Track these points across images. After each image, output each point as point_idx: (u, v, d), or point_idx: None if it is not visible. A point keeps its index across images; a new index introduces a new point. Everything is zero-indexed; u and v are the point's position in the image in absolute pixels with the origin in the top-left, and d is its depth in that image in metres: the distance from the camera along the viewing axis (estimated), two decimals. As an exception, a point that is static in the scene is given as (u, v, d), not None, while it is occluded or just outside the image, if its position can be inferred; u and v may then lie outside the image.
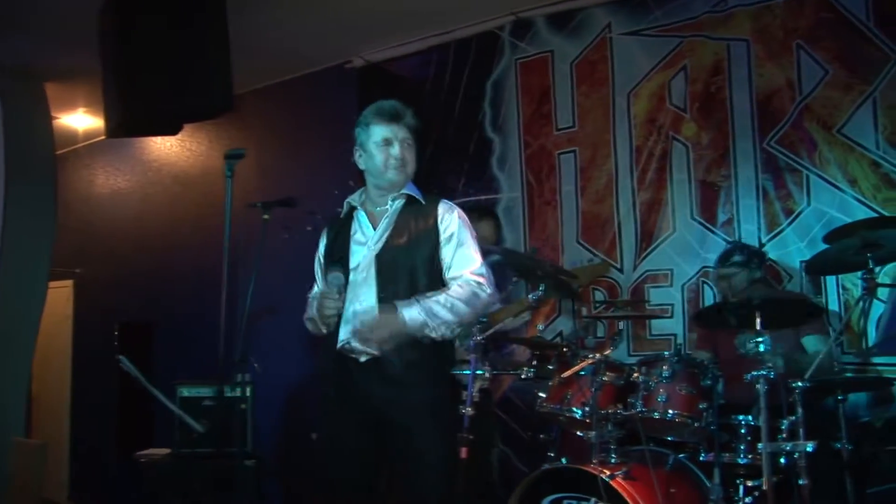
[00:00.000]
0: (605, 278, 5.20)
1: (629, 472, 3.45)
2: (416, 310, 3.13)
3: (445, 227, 3.29)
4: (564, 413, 3.76)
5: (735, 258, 4.32)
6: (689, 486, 3.66)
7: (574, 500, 3.50)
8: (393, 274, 3.24)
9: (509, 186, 5.67)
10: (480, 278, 3.24)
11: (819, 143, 4.59)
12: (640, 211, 5.15)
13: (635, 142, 5.20)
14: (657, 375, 3.62)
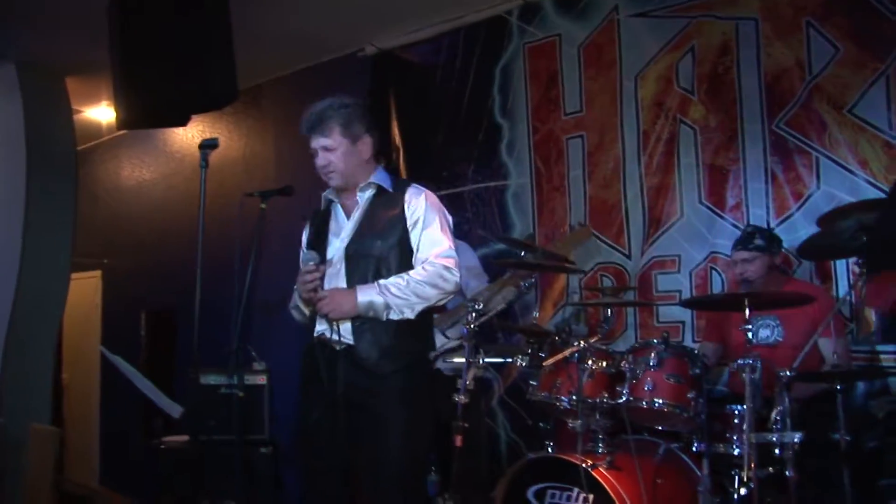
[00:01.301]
0: (613, 264, 5.14)
1: (613, 462, 3.41)
2: (372, 290, 3.17)
3: (412, 212, 3.29)
4: (553, 401, 3.73)
5: (757, 241, 4.15)
6: (679, 476, 3.60)
7: (557, 491, 3.47)
8: (363, 265, 3.27)
9: (518, 172, 5.61)
10: (447, 261, 3.23)
11: (829, 123, 4.45)
12: (648, 196, 5.05)
13: (643, 126, 5.10)
14: (644, 363, 3.56)
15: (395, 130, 6.16)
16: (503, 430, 5.41)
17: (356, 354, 3.22)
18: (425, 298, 3.21)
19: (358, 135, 3.35)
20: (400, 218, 3.30)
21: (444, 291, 3.24)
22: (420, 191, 3.37)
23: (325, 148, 3.34)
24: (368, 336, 3.22)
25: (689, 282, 4.86)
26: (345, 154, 3.34)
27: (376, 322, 3.20)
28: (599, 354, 3.72)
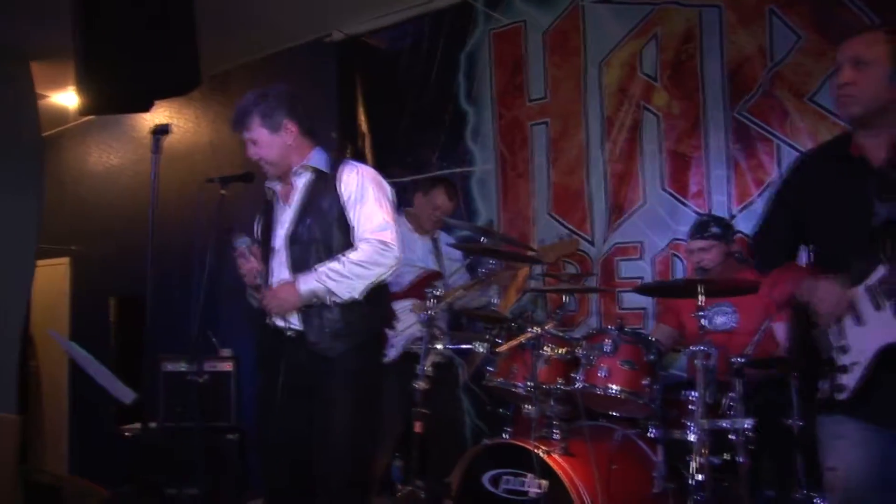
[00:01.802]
0: (578, 251, 5.10)
1: (567, 448, 3.41)
2: (311, 278, 3.16)
3: (346, 189, 3.29)
4: (509, 387, 3.72)
5: (713, 229, 4.16)
6: (634, 462, 3.60)
7: (512, 476, 3.47)
8: (305, 250, 3.27)
9: (483, 159, 5.59)
10: (382, 234, 3.21)
11: (790, 111, 4.46)
12: (611, 182, 5.05)
13: (606, 112, 5.09)
14: (599, 350, 3.56)
15: (362, 116, 6.13)
16: (468, 416, 5.40)
17: (306, 340, 3.22)
18: (365, 277, 3.20)
19: (278, 123, 3.36)
20: (335, 197, 3.29)
21: (384, 267, 3.22)
22: (354, 167, 3.36)
23: (251, 141, 3.38)
24: (316, 321, 3.22)
25: (652, 268, 4.86)
26: (268, 144, 3.36)
27: (323, 306, 3.19)
28: (556, 341, 3.71)
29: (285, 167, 3.41)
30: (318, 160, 3.42)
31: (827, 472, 2.50)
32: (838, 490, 2.46)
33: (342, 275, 3.16)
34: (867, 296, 2.33)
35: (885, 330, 2.28)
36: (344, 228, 3.28)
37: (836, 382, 2.39)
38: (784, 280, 2.56)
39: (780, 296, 2.57)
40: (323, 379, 3.18)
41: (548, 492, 3.34)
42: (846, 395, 2.37)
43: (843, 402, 2.38)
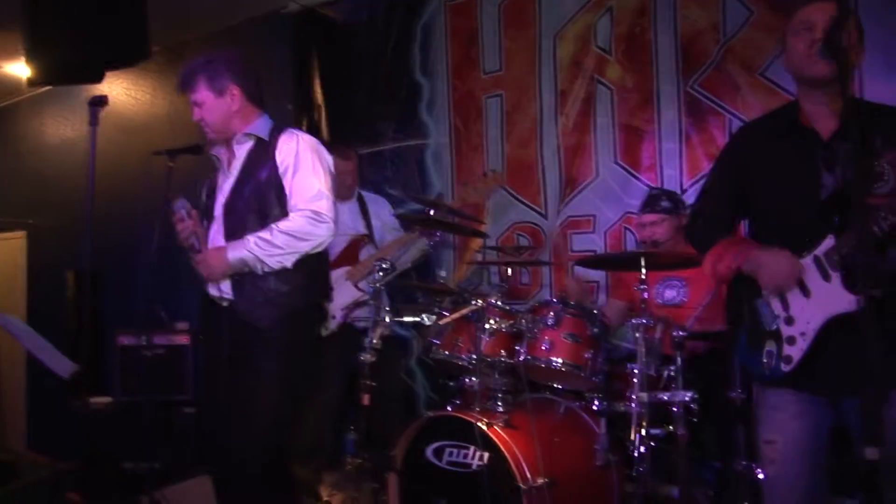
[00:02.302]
0: (529, 223, 5.11)
1: (510, 420, 3.39)
2: (240, 247, 3.12)
3: (282, 158, 3.23)
4: (454, 360, 3.70)
5: (663, 203, 4.15)
6: (577, 434, 3.59)
7: (455, 449, 3.45)
8: (240, 219, 3.22)
9: (437, 131, 5.54)
10: (316, 205, 3.16)
11: (742, 85, 4.45)
12: (564, 156, 5.02)
13: (560, 85, 5.05)
14: (542, 323, 3.54)
15: (318, 89, 6.04)
16: (422, 389, 5.40)
17: (237, 309, 3.17)
18: (297, 247, 3.14)
19: (223, 87, 3.30)
20: (272, 166, 3.23)
21: (316, 237, 3.17)
22: (292, 135, 3.30)
23: (195, 103, 3.32)
24: (248, 290, 3.18)
25: (604, 241, 4.85)
26: (212, 107, 3.30)
27: (255, 275, 3.15)
28: (500, 314, 3.68)
29: (228, 133, 3.35)
30: (260, 128, 3.36)
31: (764, 445, 2.49)
32: (776, 463, 2.44)
33: (272, 244, 3.11)
34: (815, 267, 2.31)
35: (833, 301, 2.25)
36: (281, 198, 3.22)
37: (781, 354, 2.37)
38: (730, 253, 2.52)
39: (725, 270, 2.53)
40: (252, 348, 3.13)
41: (489, 464, 3.32)
42: (791, 366, 2.34)
43: (787, 374, 2.35)
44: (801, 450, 2.40)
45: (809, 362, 2.33)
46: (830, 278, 2.27)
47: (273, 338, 3.13)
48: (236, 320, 3.17)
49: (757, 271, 2.41)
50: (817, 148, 2.36)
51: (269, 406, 3.13)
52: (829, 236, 2.27)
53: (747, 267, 2.44)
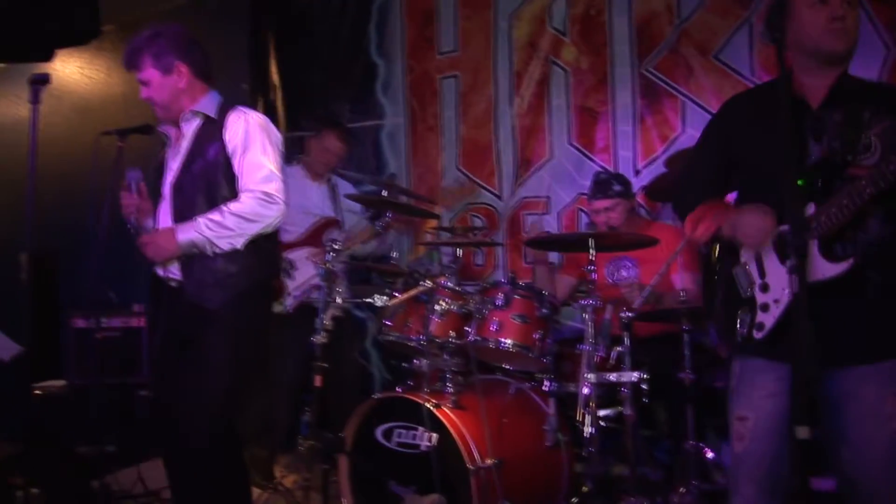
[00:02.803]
0: (484, 205, 5.10)
1: (459, 401, 3.37)
2: (190, 228, 3.05)
3: (231, 137, 3.13)
4: (404, 341, 3.68)
5: (615, 187, 4.12)
6: (527, 415, 3.59)
7: (404, 430, 3.43)
8: (188, 199, 3.13)
9: (393, 112, 5.50)
10: (267, 186, 3.09)
11: (695, 68, 4.46)
12: (519, 137, 5.01)
13: (515, 66, 5.04)
14: (491, 303, 3.52)
15: (274, 69, 5.96)
16: (378, 370, 5.38)
17: (185, 290, 3.11)
18: (247, 229, 3.07)
19: (170, 64, 3.19)
20: (221, 145, 3.14)
21: (267, 219, 3.09)
22: (241, 113, 3.19)
23: (141, 82, 3.22)
24: (196, 271, 3.10)
25: (558, 223, 4.85)
26: (159, 86, 3.20)
27: (203, 256, 3.09)
28: (451, 295, 3.66)
29: (176, 111, 3.25)
30: (208, 105, 3.25)
31: (736, 421, 2.42)
32: (745, 440, 2.38)
33: (222, 226, 3.04)
34: None
35: (812, 269, 2.20)
36: (229, 178, 3.14)
37: (754, 321, 2.33)
38: (709, 216, 2.48)
39: (704, 232, 2.48)
40: (202, 329, 3.07)
41: (438, 445, 3.31)
42: (764, 333, 2.30)
43: (760, 342, 2.32)
44: (772, 429, 2.34)
45: (784, 332, 2.28)
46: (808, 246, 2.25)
47: (222, 319, 3.07)
48: (185, 301, 3.11)
49: (735, 229, 2.37)
50: (806, 117, 2.34)
51: (219, 387, 3.07)
52: (810, 203, 2.25)
53: (727, 229, 2.39)
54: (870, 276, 2.23)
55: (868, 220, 2.22)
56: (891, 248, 2.24)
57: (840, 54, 2.32)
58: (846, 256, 2.17)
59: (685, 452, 3.49)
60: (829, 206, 2.18)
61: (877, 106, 2.25)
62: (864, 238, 2.22)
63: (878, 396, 2.21)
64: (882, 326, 2.25)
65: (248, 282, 3.15)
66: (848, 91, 2.31)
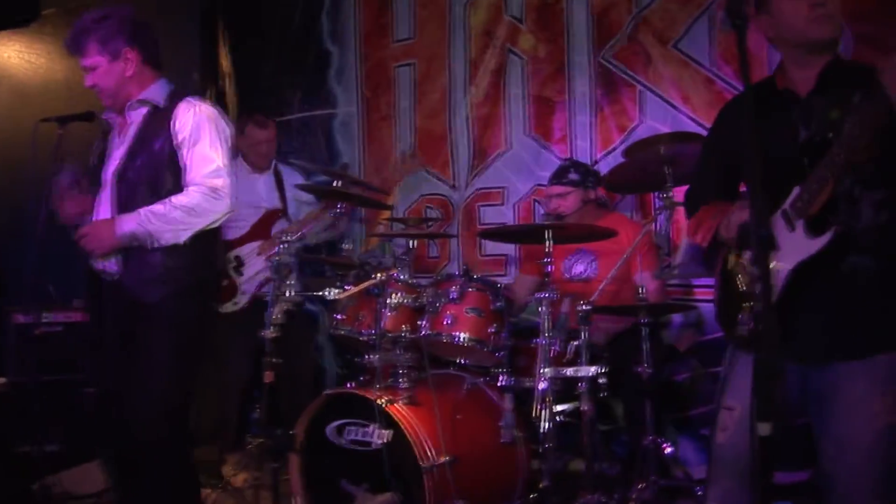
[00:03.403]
0: (438, 195, 5.04)
1: (413, 397, 3.31)
2: (132, 220, 2.95)
3: (180, 129, 3.05)
4: (356, 336, 3.60)
5: (570, 175, 4.08)
6: (482, 411, 3.52)
7: (356, 427, 3.36)
8: (132, 189, 3.03)
9: (346, 101, 5.40)
10: (215, 181, 3.01)
11: (654, 57, 4.41)
12: (474, 127, 4.94)
13: (471, 54, 4.97)
14: (445, 297, 3.45)
15: (224, 56, 5.84)
16: (331, 365, 5.30)
17: (124, 285, 3.01)
18: (191, 224, 2.98)
19: (118, 50, 3.07)
20: (168, 136, 3.04)
21: (212, 215, 3.02)
22: (191, 104, 3.09)
23: (86, 68, 3.09)
24: (135, 265, 3.00)
25: (514, 214, 4.80)
26: (106, 73, 3.08)
27: (142, 250, 2.98)
28: (403, 287, 3.58)
29: (123, 98, 3.14)
30: (157, 94, 3.15)
31: (723, 411, 2.39)
32: (728, 430, 2.36)
33: (166, 219, 2.94)
34: (782, 220, 2.22)
35: (797, 249, 2.17)
36: (175, 170, 3.04)
37: (752, 313, 2.27)
38: (709, 217, 2.45)
39: (705, 236, 2.46)
40: (140, 326, 2.98)
41: (391, 442, 3.23)
42: None
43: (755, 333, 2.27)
44: None
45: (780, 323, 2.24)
46: (795, 227, 2.20)
47: (163, 315, 2.98)
48: (123, 296, 3.01)
49: (729, 228, 2.33)
50: (795, 107, 2.31)
51: (162, 386, 2.98)
52: (796, 187, 2.22)
53: (724, 229, 2.36)
54: (861, 263, 2.20)
55: (860, 206, 2.19)
56: (885, 235, 2.20)
57: (826, 41, 2.29)
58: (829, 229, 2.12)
59: (643, 447, 3.45)
60: (810, 182, 2.14)
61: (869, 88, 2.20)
62: (854, 223, 2.17)
63: (866, 393, 2.17)
64: (873, 319, 2.21)
65: (189, 278, 3.06)
66: (838, 76, 2.28)
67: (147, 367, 2.98)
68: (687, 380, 4.20)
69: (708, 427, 3.99)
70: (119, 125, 3.19)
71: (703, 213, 2.51)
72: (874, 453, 2.17)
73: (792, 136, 2.29)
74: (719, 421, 2.41)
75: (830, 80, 2.27)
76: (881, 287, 2.21)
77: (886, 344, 2.20)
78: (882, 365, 2.19)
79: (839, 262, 2.19)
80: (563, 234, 3.47)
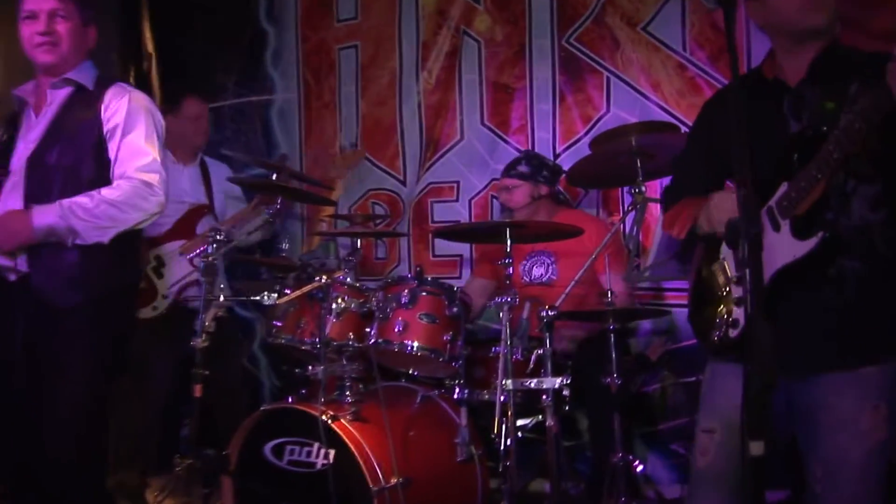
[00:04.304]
0: (386, 191, 5.04)
1: (359, 412, 3.29)
2: (51, 212, 2.87)
3: (110, 116, 3.01)
4: (296, 345, 3.58)
5: (520, 168, 4.12)
6: (436, 427, 3.54)
7: (297, 447, 3.33)
8: (48, 177, 2.97)
9: (284, 86, 5.38)
10: (149, 176, 2.98)
11: (622, 41, 4.45)
12: (426, 115, 4.95)
13: (422, 36, 4.96)
14: (395, 301, 3.44)
15: (148, 35, 5.73)
16: (266, 377, 5.27)
17: (31, 286, 2.93)
18: (120, 221, 2.93)
19: (88, 20, 3.12)
20: (96, 122, 3.00)
21: (143, 213, 2.97)
22: (124, 91, 3.07)
23: (56, 13, 3.01)
24: (46, 263, 2.92)
25: (468, 211, 4.82)
26: (74, 31, 3.05)
27: (59, 246, 2.91)
28: (349, 291, 3.57)
29: (61, 70, 3.07)
30: (86, 75, 3.11)
31: (701, 434, 2.38)
32: (709, 454, 2.35)
33: (92, 214, 2.88)
34: (766, 218, 2.22)
35: (781, 250, 2.15)
36: (100, 160, 3.00)
37: (730, 319, 2.27)
38: (687, 210, 2.45)
39: (681, 228, 2.45)
40: (51, 335, 2.90)
41: (335, 462, 3.21)
42: (738, 330, 2.23)
43: (735, 341, 2.23)
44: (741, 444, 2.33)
45: None
46: (780, 227, 2.20)
47: (79, 324, 2.91)
48: (31, 299, 2.92)
49: (709, 220, 2.31)
50: (785, 96, 2.31)
51: (76, 406, 2.92)
52: (783, 183, 2.22)
53: (703, 222, 2.35)
54: (850, 267, 2.20)
55: (851, 203, 2.20)
56: (877, 236, 2.21)
57: (821, 27, 2.30)
58: (816, 233, 2.13)
59: (612, 465, 3.45)
60: (798, 180, 2.15)
61: (868, 78, 2.21)
62: (845, 221, 2.19)
63: (855, 408, 2.18)
64: (860, 328, 2.21)
65: (110, 282, 3.01)
66: (833, 64, 2.29)
67: (58, 383, 2.90)
68: (657, 391, 4.22)
69: (679, 442, 4.05)
70: (34, 104, 3.12)
71: (682, 205, 2.51)
72: (865, 474, 2.19)
73: (782, 128, 2.30)
74: (698, 444, 2.40)
75: (823, 69, 2.29)
76: (870, 294, 2.21)
77: (874, 355, 2.21)
78: (870, 378, 2.20)
79: (826, 266, 2.20)
80: (524, 233, 3.47)
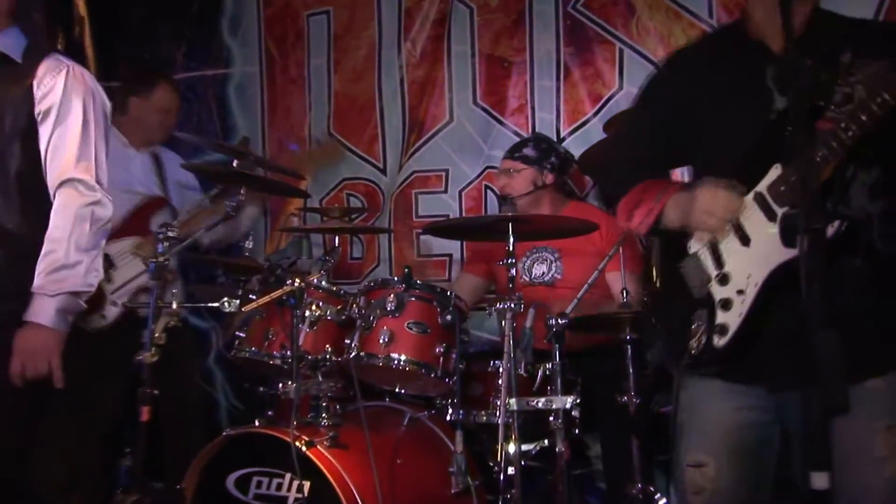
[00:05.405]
0: (363, 180, 5.03)
1: (338, 438, 3.25)
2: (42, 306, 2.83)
3: (43, 95, 2.92)
4: (264, 359, 3.56)
5: (526, 151, 4.08)
6: (427, 454, 3.53)
7: (265, 478, 3.29)
8: None
9: (244, 58, 5.36)
10: (82, 174, 2.91)
11: (638, 7, 4.46)
12: (409, 94, 4.95)
13: (405, 2, 4.96)
14: (380, 308, 3.40)
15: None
16: (223, 396, 5.26)
17: None
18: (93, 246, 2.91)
19: None
20: (26, 100, 2.91)
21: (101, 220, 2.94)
22: (61, 65, 2.97)
23: None
24: None
25: (459, 204, 4.81)
26: None
27: None
28: (326, 297, 3.55)
29: None
30: (12, 43, 2.99)
31: (689, 470, 2.32)
32: (705, 493, 2.30)
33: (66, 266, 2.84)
34: (756, 206, 2.18)
35: (778, 246, 2.12)
36: (29, 145, 2.92)
37: (714, 325, 2.21)
38: (650, 196, 2.38)
39: (643, 219, 2.39)
40: None
41: (311, 496, 3.16)
42: (726, 339, 2.18)
43: (722, 351, 2.19)
44: (741, 477, 2.29)
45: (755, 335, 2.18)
46: (776, 217, 2.17)
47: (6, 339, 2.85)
48: None
49: (686, 213, 2.27)
50: (768, 65, 2.28)
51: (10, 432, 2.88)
52: (774, 166, 2.18)
53: (674, 214, 2.31)
54: (850, 265, 2.17)
55: (850, 190, 2.16)
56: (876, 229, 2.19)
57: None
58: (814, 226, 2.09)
59: (629, 498, 3.43)
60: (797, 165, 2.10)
61: (860, 47, 2.18)
62: (845, 212, 2.13)
63: (865, 434, 2.14)
64: (862, 335, 2.11)
65: None
66: (820, 30, 2.27)
67: None
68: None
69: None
70: None
71: (641, 191, 2.44)
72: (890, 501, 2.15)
73: (766, 102, 2.26)
74: (687, 483, 2.35)
75: (811, 35, 2.25)
76: (871, 296, 2.19)
77: (878, 366, 2.18)
78: (877, 394, 2.16)
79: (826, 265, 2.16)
80: (529, 230, 3.45)
